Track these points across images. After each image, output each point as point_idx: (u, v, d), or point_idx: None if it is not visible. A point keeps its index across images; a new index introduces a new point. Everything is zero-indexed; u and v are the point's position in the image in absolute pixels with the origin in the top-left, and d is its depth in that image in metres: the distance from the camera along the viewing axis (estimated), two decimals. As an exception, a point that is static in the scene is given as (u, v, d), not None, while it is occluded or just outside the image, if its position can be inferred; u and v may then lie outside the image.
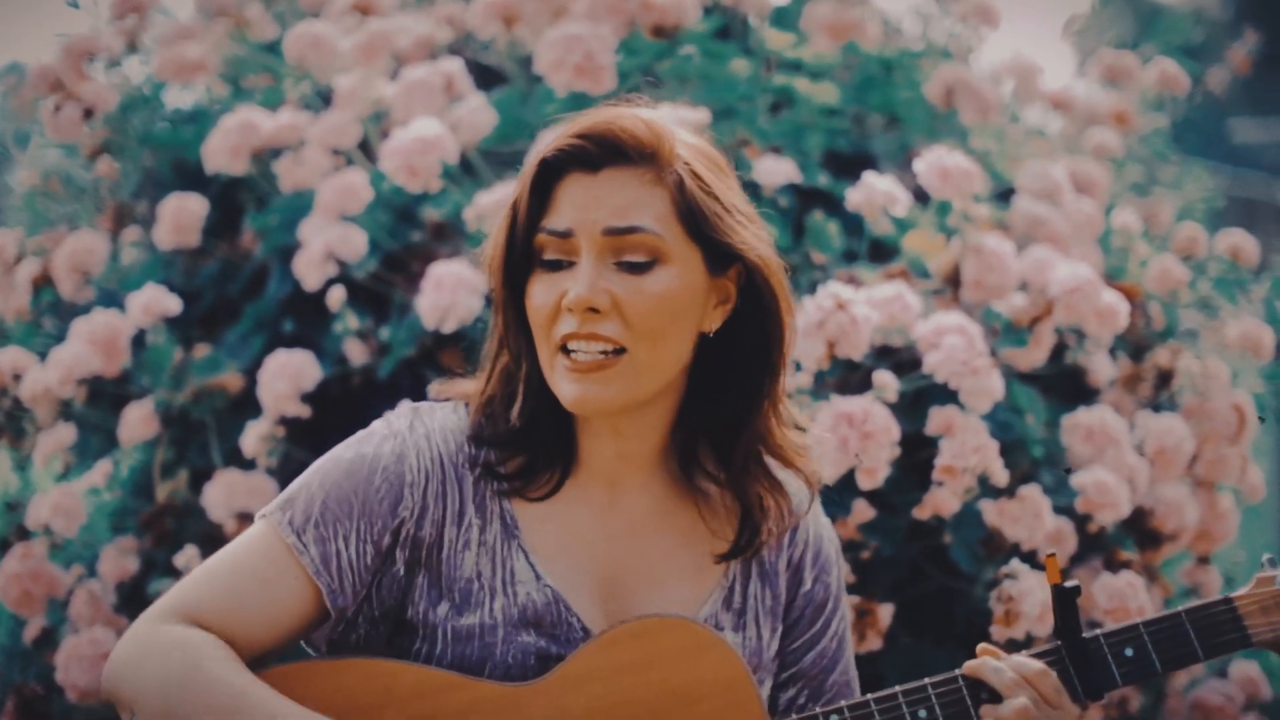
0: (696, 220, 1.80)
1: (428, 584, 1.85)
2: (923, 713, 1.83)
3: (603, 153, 1.79)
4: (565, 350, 1.79)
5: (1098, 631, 1.88)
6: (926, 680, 1.84)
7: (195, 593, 1.80)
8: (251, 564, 1.81)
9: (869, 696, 1.84)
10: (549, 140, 1.83)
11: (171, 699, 1.72)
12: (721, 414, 1.89)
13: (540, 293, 1.81)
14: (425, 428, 1.88)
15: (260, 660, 1.81)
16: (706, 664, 1.83)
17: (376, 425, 1.89)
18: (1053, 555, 1.87)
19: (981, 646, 1.88)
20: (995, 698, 1.83)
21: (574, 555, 1.89)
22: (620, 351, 1.78)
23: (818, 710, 1.84)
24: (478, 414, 1.89)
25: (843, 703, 1.84)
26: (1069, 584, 1.86)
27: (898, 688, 1.84)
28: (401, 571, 1.85)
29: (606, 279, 1.78)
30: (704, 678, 1.83)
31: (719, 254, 1.83)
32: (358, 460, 1.84)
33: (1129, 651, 1.87)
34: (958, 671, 1.85)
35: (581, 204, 1.79)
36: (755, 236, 1.85)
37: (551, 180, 1.81)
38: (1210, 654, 1.88)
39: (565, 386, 1.79)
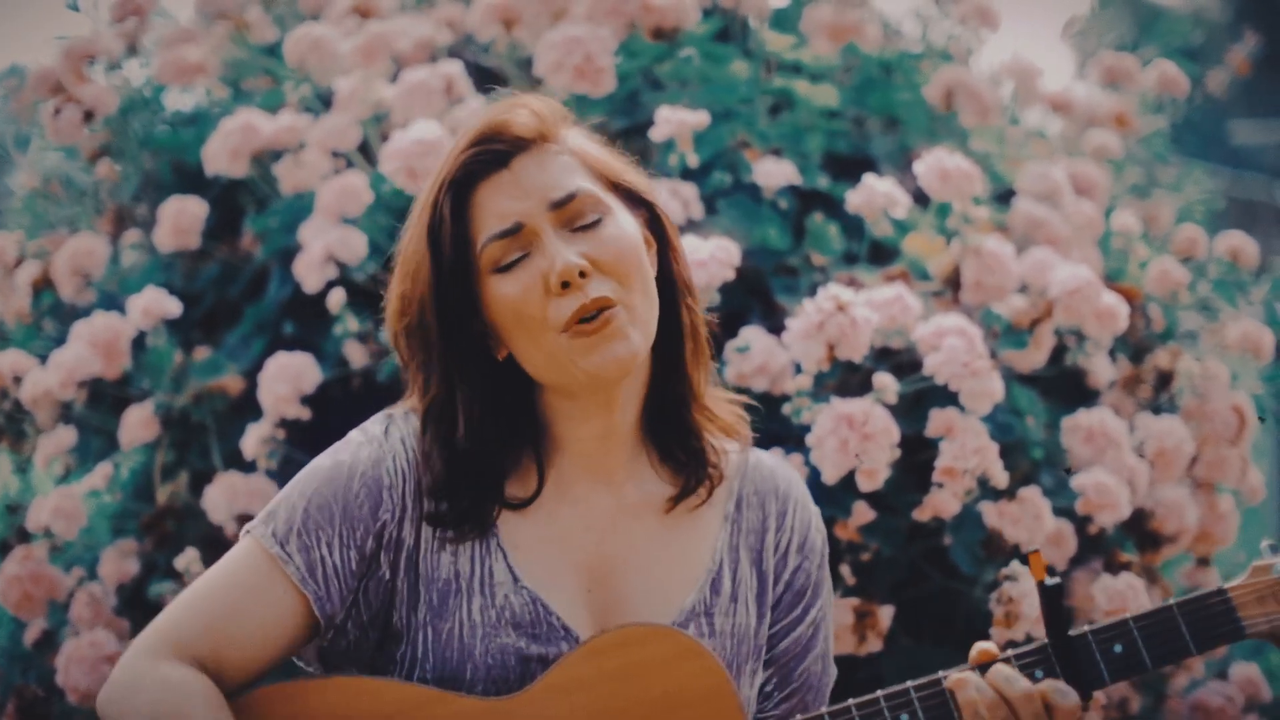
0: (607, 172, 1.89)
1: (408, 587, 1.86)
2: (905, 717, 1.80)
3: (507, 147, 1.85)
4: (567, 329, 1.81)
5: (1085, 628, 1.82)
6: (909, 683, 1.82)
7: (185, 618, 1.81)
8: (238, 580, 1.82)
9: (850, 701, 1.82)
10: (443, 164, 1.87)
11: None
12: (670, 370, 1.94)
13: (515, 290, 1.82)
14: (401, 432, 1.89)
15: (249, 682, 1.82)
16: (689, 673, 1.83)
17: (353, 434, 1.91)
18: (1036, 551, 1.82)
19: (979, 647, 1.84)
20: None
21: (555, 550, 1.90)
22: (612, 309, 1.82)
23: (798, 718, 1.83)
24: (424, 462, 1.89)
25: (824, 709, 1.83)
26: (1051, 581, 1.80)
27: (880, 691, 1.82)
28: (387, 575, 1.85)
29: (574, 246, 1.82)
30: (686, 686, 1.82)
31: (629, 199, 1.91)
32: (336, 468, 1.86)
33: (1118, 648, 1.81)
34: (941, 674, 1.82)
35: (514, 196, 1.83)
36: (646, 179, 1.96)
37: (464, 198, 1.85)
38: (1203, 648, 1.81)
39: (589, 359, 1.81)
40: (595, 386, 1.85)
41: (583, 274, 1.80)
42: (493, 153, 1.84)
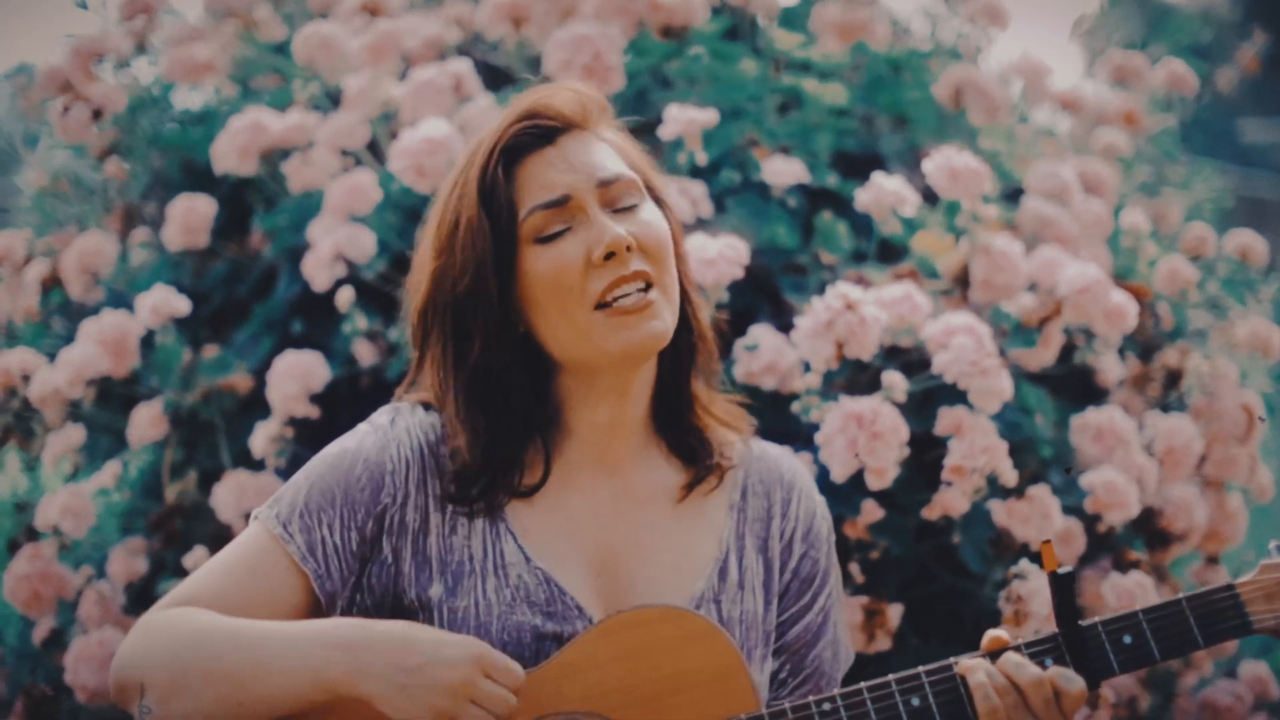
0: (640, 168, 1.97)
1: (416, 568, 1.89)
2: (916, 700, 1.83)
3: (556, 124, 1.92)
4: (603, 307, 1.86)
5: (1096, 619, 1.86)
6: (920, 669, 1.85)
7: (191, 590, 1.86)
8: (242, 559, 1.87)
9: (862, 685, 1.84)
10: (490, 136, 1.92)
11: (181, 657, 1.76)
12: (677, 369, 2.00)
13: (555, 261, 1.86)
14: (406, 423, 1.94)
15: None
16: (700, 653, 1.86)
17: (360, 425, 1.97)
18: (1048, 542, 1.86)
19: (991, 634, 1.87)
20: None
21: (562, 534, 1.94)
22: (648, 288, 1.87)
23: (810, 699, 1.85)
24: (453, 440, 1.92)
25: (835, 690, 1.85)
26: (1063, 569, 1.85)
27: (891, 676, 1.84)
28: (390, 559, 1.90)
29: (618, 224, 1.87)
30: (697, 666, 1.85)
31: (652, 197, 1.98)
32: (341, 454, 1.92)
33: (1128, 639, 1.85)
34: (952, 660, 1.85)
35: (562, 170, 1.89)
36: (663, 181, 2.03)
37: (509, 170, 1.90)
38: (1210, 641, 1.86)
39: (619, 336, 1.86)
40: (622, 365, 1.90)
41: (629, 248, 1.85)
42: (541, 128, 1.91)
